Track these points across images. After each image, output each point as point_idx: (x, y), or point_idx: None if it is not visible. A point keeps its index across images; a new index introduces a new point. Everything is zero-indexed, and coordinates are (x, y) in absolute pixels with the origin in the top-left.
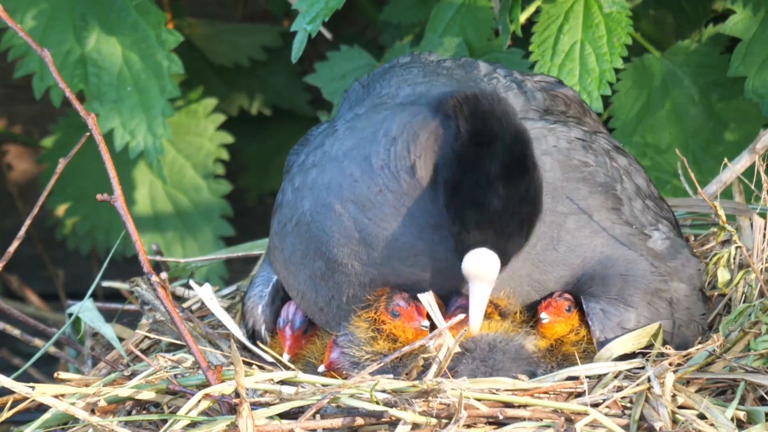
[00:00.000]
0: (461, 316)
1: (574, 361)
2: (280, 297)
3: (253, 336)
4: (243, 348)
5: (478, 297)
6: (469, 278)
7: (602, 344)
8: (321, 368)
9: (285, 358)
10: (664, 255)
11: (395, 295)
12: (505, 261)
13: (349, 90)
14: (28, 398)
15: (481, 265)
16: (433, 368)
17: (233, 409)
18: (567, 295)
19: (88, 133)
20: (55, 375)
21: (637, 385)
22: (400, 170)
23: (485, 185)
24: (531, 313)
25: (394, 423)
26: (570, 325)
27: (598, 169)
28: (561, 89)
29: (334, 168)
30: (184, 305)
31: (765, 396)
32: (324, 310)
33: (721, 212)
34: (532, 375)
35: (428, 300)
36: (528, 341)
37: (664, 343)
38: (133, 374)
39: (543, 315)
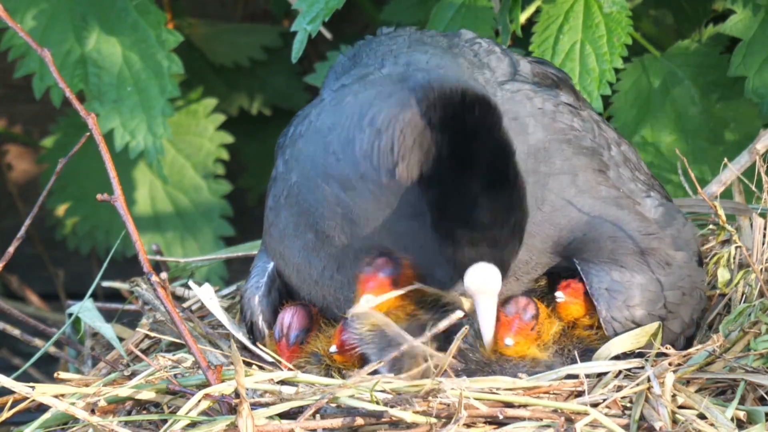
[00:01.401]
0: (460, 315)
1: (589, 345)
2: (276, 287)
3: (251, 328)
4: (243, 348)
5: (486, 312)
6: (473, 294)
7: (609, 323)
8: (332, 348)
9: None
10: (659, 222)
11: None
12: (504, 270)
13: (335, 64)
14: (28, 398)
15: (482, 280)
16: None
17: (233, 409)
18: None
19: (88, 133)
20: (55, 375)
21: (637, 384)
22: (381, 167)
23: (471, 202)
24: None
25: (394, 423)
26: (585, 309)
27: (584, 134)
28: (551, 69)
29: (319, 141)
30: (184, 305)
31: (765, 396)
32: (319, 283)
33: (721, 212)
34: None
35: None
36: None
37: (669, 312)
38: (133, 374)
39: (558, 294)
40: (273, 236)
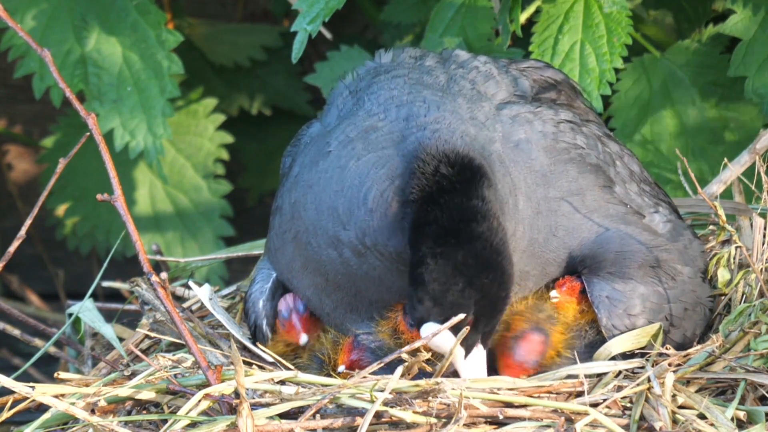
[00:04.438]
0: (461, 316)
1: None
2: (280, 293)
3: (255, 331)
4: (243, 348)
5: (465, 366)
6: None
7: (609, 331)
8: (341, 368)
9: (303, 340)
10: (667, 236)
11: None
12: (455, 331)
13: (335, 90)
14: (28, 398)
15: (434, 340)
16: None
17: (233, 409)
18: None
19: (88, 133)
20: (55, 375)
21: (637, 385)
22: (378, 245)
23: (418, 262)
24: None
25: (394, 423)
26: (581, 307)
27: (589, 151)
28: (549, 73)
29: (325, 200)
30: (184, 305)
31: (765, 396)
32: (331, 315)
33: (721, 212)
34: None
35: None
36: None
37: (671, 325)
38: (133, 374)
39: (553, 293)
40: (280, 262)
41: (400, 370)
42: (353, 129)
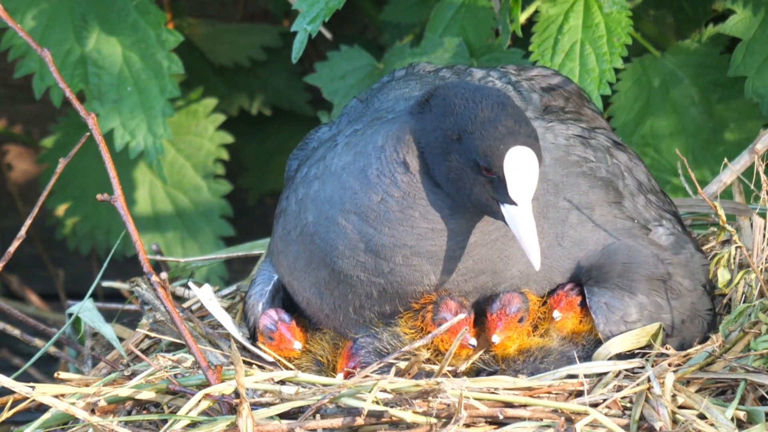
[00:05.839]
0: (462, 316)
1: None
2: (280, 296)
3: (253, 333)
4: (243, 348)
5: (524, 222)
6: (510, 185)
7: (607, 337)
8: (339, 377)
9: (297, 346)
10: (668, 250)
11: (442, 305)
12: (539, 154)
13: (347, 105)
14: (28, 398)
15: (521, 160)
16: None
17: (233, 409)
18: (576, 288)
19: (88, 133)
20: (55, 375)
21: (637, 385)
22: (395, 172)
23: (493, 116)
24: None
25: (395, 423)
26: (580, 319)
27: (599, 164)
28: (557, 80)
29: (334, 182)
30: (184, 305)
31: (765, 396)
32: (330, 317)
33: (721, 212)
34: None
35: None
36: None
37: (667, 336)
38: (133, 374)
39: (555, 314)
40: (282, 264)
41: (397, 368)
42: (360, 123)
